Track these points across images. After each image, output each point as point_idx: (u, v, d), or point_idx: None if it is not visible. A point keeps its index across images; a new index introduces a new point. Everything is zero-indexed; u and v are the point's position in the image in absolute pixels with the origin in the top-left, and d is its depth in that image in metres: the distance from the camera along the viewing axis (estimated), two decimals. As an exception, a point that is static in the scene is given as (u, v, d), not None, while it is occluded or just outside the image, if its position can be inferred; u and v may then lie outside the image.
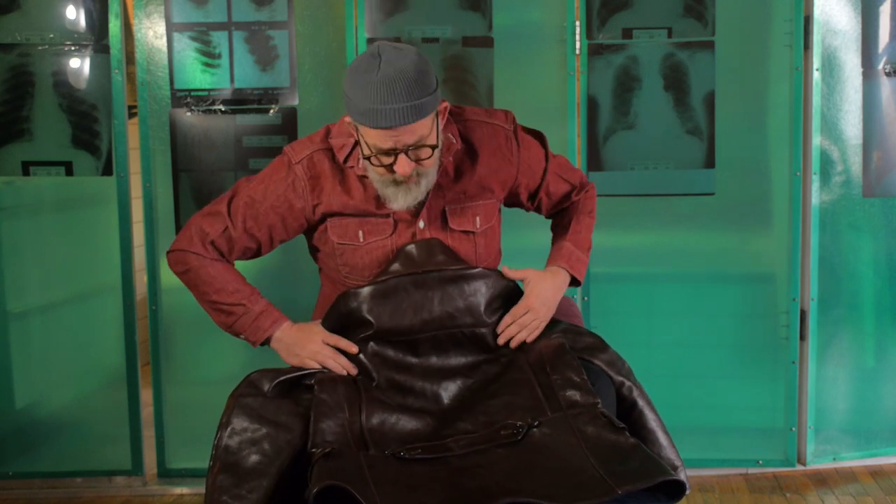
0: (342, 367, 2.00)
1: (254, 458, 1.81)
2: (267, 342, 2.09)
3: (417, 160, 1.95)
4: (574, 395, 1.86)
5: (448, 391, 1.98)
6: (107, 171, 3.13)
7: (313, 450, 1.78)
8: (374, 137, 1.91)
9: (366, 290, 2.00)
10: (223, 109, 3.11)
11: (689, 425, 3.26)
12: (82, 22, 3.10)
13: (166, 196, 3.15)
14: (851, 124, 3.18)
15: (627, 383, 2.00)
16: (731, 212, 3.20)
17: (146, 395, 3.22)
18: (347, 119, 1.99)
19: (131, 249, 3.17)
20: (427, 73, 1.90)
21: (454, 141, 2.08)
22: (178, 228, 3.14)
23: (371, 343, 2.01)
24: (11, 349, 3.26)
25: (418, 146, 1.93)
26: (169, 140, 3.12)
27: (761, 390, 3.24)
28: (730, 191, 3.16)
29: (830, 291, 3.22)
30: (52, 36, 3.09)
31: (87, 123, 3.11)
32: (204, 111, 3.11)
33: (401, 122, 1.87)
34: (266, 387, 1.93)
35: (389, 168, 1.94)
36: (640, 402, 2.00)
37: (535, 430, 1.82)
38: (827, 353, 3.24)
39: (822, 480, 3.16)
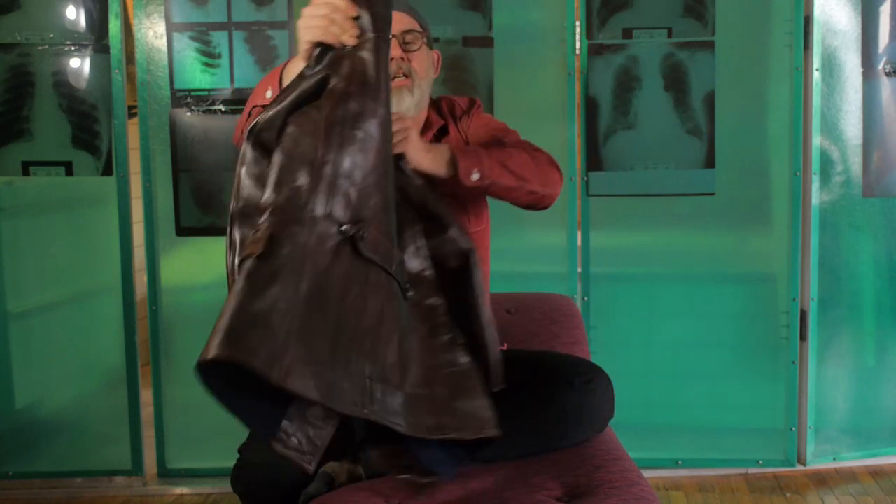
0: (334, 35, 1.65)
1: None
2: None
3: (406, 50, 2.04)
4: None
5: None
6: (107, 171, 3.13)
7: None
8: None
9: None
10: (223, 109, 3.11)
11: (689, 425, 3.27)
12: (82, 22, 3.10)
13: (166, 196, 3.14)
14: (851, 124, 3.18)
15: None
16: (731, 212, 3.20)
17: (146, 395, 3.21)
18: None
19: (131, 249, 3.17)
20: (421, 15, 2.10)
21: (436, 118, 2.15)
22: (178, 228, 3.14)
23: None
24: (11, 349, 3.26)
25: (406, 32, 2.05)
26: (169, 140, 3.12)
27: (761, 390, 3.23)
28: (730, 191, 3.16)
29: (830, 291, 3.22)
30: (52, 36, 3.09)
31: (87, 123, 3.11)
32: (204, 111, 3.11)
33: (396, 7, 1.94)
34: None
35: None
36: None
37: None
38: (827, 353, 3.24)
39: (822, 480, 3.16)
